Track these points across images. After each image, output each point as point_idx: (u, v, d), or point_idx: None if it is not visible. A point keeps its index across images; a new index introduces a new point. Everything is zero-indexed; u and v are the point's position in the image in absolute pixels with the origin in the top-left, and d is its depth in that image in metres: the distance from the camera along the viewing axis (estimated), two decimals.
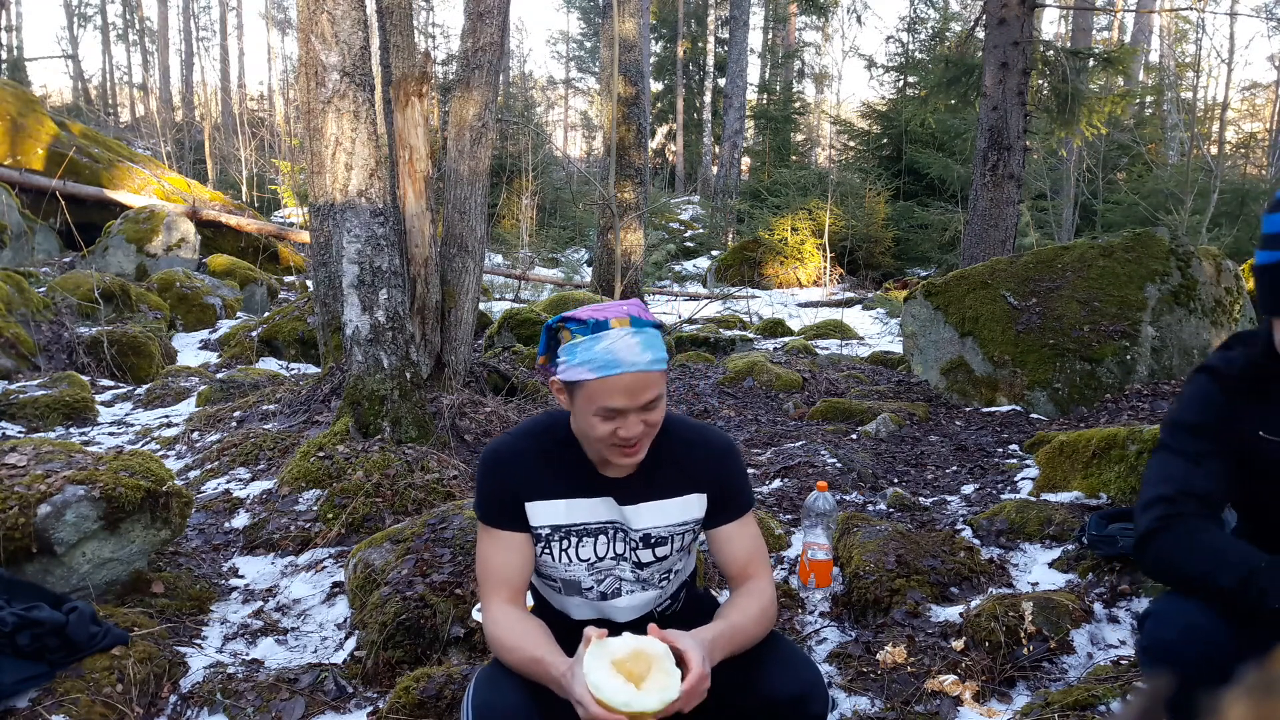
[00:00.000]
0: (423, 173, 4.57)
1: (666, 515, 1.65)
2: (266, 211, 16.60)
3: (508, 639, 1.53)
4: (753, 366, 6.33)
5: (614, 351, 1.47)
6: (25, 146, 10.74)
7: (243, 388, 5.56)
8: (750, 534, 1.69)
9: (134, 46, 32.67)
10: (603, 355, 1.47)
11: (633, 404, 1.48)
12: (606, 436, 1.51)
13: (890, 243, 15.59)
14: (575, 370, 1.50)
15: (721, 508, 1.68)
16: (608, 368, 1.47)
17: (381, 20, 4.99)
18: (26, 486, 2.54)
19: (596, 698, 1.33)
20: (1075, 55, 9.34)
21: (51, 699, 2.10)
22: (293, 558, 3.18)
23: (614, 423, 1.50)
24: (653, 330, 1.53)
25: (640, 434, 1.51)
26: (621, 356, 1.47)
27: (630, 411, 1.49)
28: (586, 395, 1.50)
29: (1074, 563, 2.78)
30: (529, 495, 1.60)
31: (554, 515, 1.61)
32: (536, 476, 1.61)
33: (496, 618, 1.57)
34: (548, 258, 16.19)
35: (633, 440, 1.51)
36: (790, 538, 3.19)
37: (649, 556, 1.65)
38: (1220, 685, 1.40)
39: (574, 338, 1.51)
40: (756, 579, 1.66)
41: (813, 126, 29.48)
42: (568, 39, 38.75)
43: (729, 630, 1.54)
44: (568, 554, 1.63)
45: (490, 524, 1.62)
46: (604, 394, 1.48)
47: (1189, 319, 5.39)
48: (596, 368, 1.47)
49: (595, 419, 1.50)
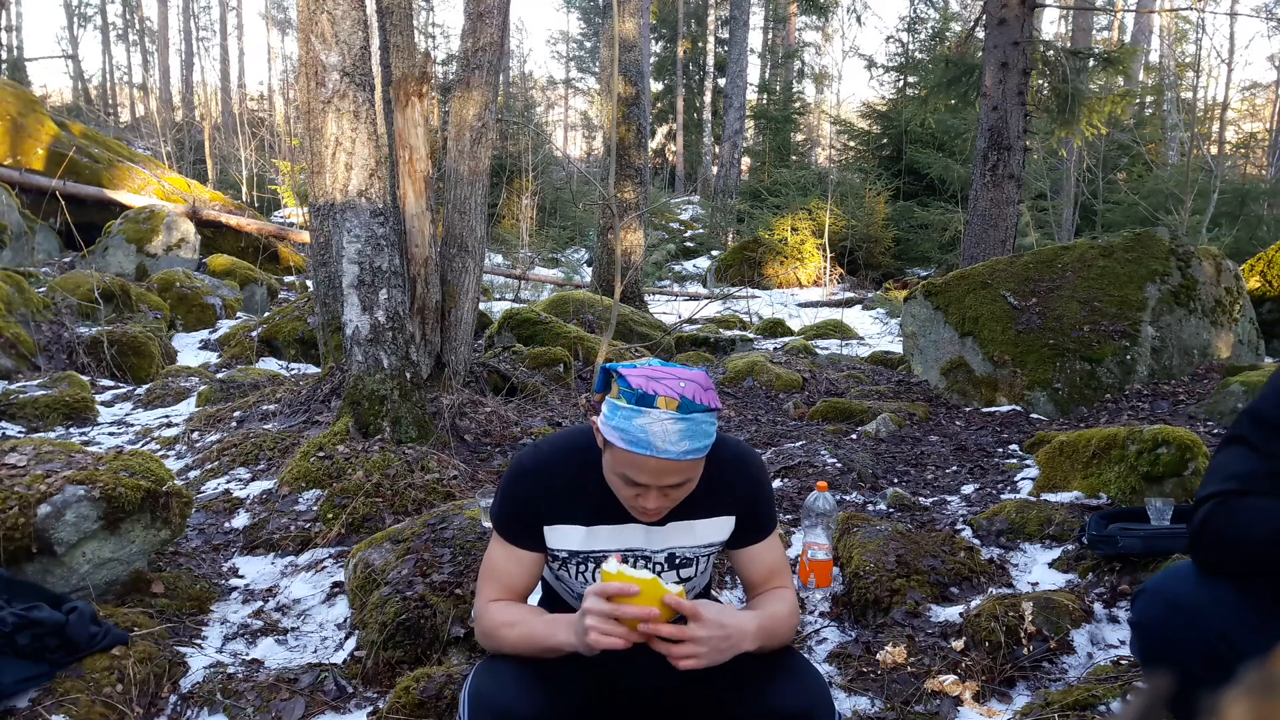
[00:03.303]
0: (423, 173, 4.57)
1: (695, 536, 1.62)
2: (266, 211, 16.60)
3: (506, 616, 1.53)
4: (753, 366, 6.33)
5: (648, 433, 1.42)
6: (25, 146, 10.74)
7: (243, 388, 5.56)
8: (775, 550, 1.68)
9: (134, 46, 32.69)
10: (636, 432, 1.43)
11: (655, 483, 1.46)
12: (628, 498, 1.50)
13: (890, 243, 15.59)
14: (609, 431, 1.47)
15: (749, 530, 1.65)
16: (637, 445, 1.43)
17: (381, 20, 4.99)
18: (26, 486, 2.54)
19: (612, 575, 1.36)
20: (1075, 55, 9.34)
21: (51, 699, 2.10)
22: (293, 558, 3.18)
23: (636, 489, 1.48)
24: (701, 416, 1.45)
25: (659, 507, 1.50)
26: (655, 441, 1.42)
27: (653, 488, 1.47)
28: (614, 456, 1.48)
29: (1074, 563, 2.78)
30: (550, 519, 1.58)
31: (573, 541, 1.59)
32: (561, 499, 1.57)
33: (492, 608, 1.57)
34: (548, 258, 16.19)
35: (650, 511, 1.50)
36: (790, 538, 3.19)
37: (674, 578, 1.63)
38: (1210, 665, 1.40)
39: (620, 398, 1.46)
40: (782, 589, 1.65)
41: (813, 126, 29.49)
42: (568, 39, 38.76)
43: (769, 620, 1.53)
44: (584, 576, 1.61)
45: (507, 539, 1.60)
46: (628, 465, 1.46)
47: (1189, 319, 5.39)
48: (628, 441, 1.43)
49: (618, 480, 1.49)
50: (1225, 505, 1.40)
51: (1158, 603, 1.46)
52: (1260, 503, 1.37)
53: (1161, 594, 1.46)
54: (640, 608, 1.36)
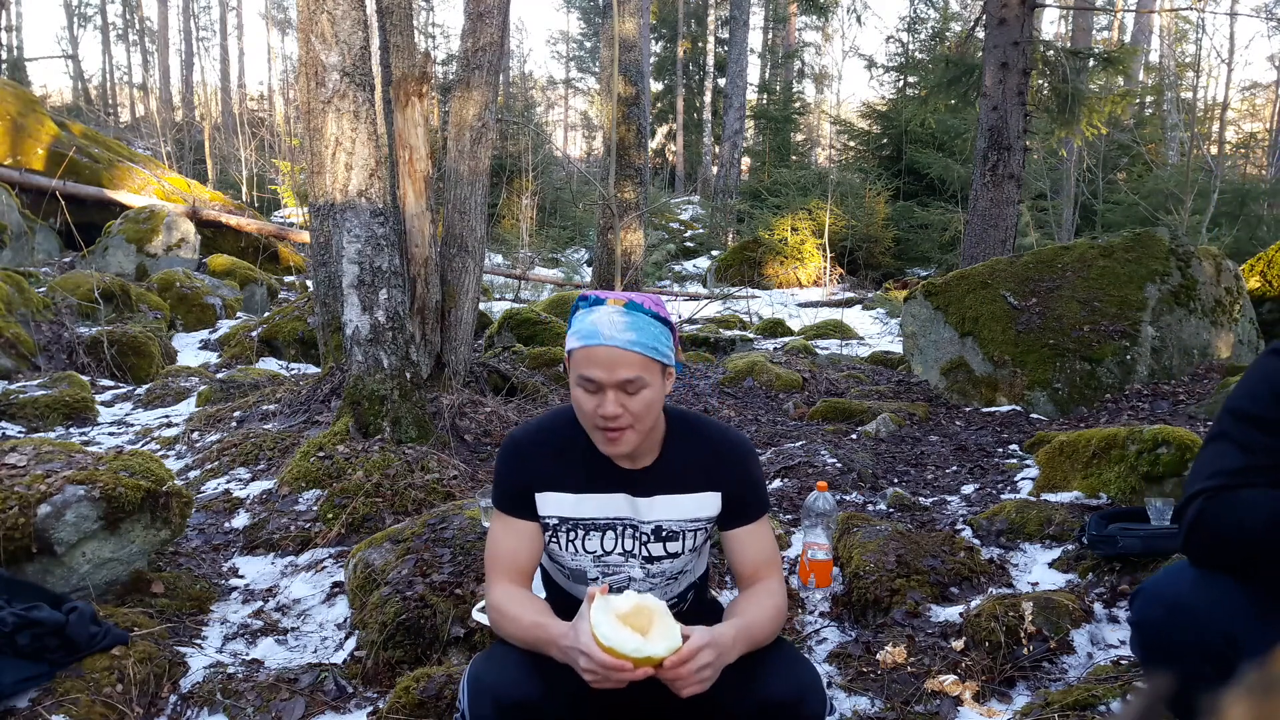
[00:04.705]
0: (423, 173, 4.57)
1: (680, 509, 1.67)
2: (266, 211, 16.60)
3: (510, 608, 1.58)
4: (753, 366, 6.33)
5: (596, 324, 1.54)
6: (25, 146, 10.74)
7: (243, 388, 5.56)
8: (765, 538, 1.71)
9: (134, 46, 32.69)
10: (588, 326, 1.55)
11: (608, 378, 1.52)
12: (590, 414, 1.56)
13: (890, 243, 15.59)
14: (569, 339, 1.59)
15: (737, 511, 1.69)
16: (588, 338, 1.54)
17: (381, 20, 4.99)
18: (26, 486, 2.54)
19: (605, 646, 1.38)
20: (1075, 55, 9.34)
21: (51, 699, 2.10)
22: (293, 558, 3.18)
23: (595, 399, 1.54)
24: (647, 317, 1.57)
25: (618, 416, 1.53)
26: (602, 330, 1.53)
27: (608, 388, 1.53)
28: (573, 365, 1.57)
29: (1074, 563, 2.78)
30: (540, 486, 1.65)
31: (561, 507, 1.66)
32: (550, 467, 1.65)
33: (500, 594, 1.62)
34: (548, 258, 16.19)
35: (612, 420, 1.53)
36: (790, 538, 3.19)
37: (660, 550, 1.68)
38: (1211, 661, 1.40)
39: (576, 313, 1.61)
40: (769, 580, 1.67)
41: (813, 126, 29.49)
42: (568, 39, 38.75)
43: (745, 626, 1.55)
44: (574, 545, 1.67)
45: (504, 510, 1.67)
46: (584, 363, 1.54)
47: (1189, 319, 5.39)
48: (581, 337, 1.55)
49: (580, 392, 1.56)
50: (1217, 500, 1.41)
51: (1157, 602, 1.46)
52: (1254, 494, 1.39)
53: (1160, 594, 1.47)
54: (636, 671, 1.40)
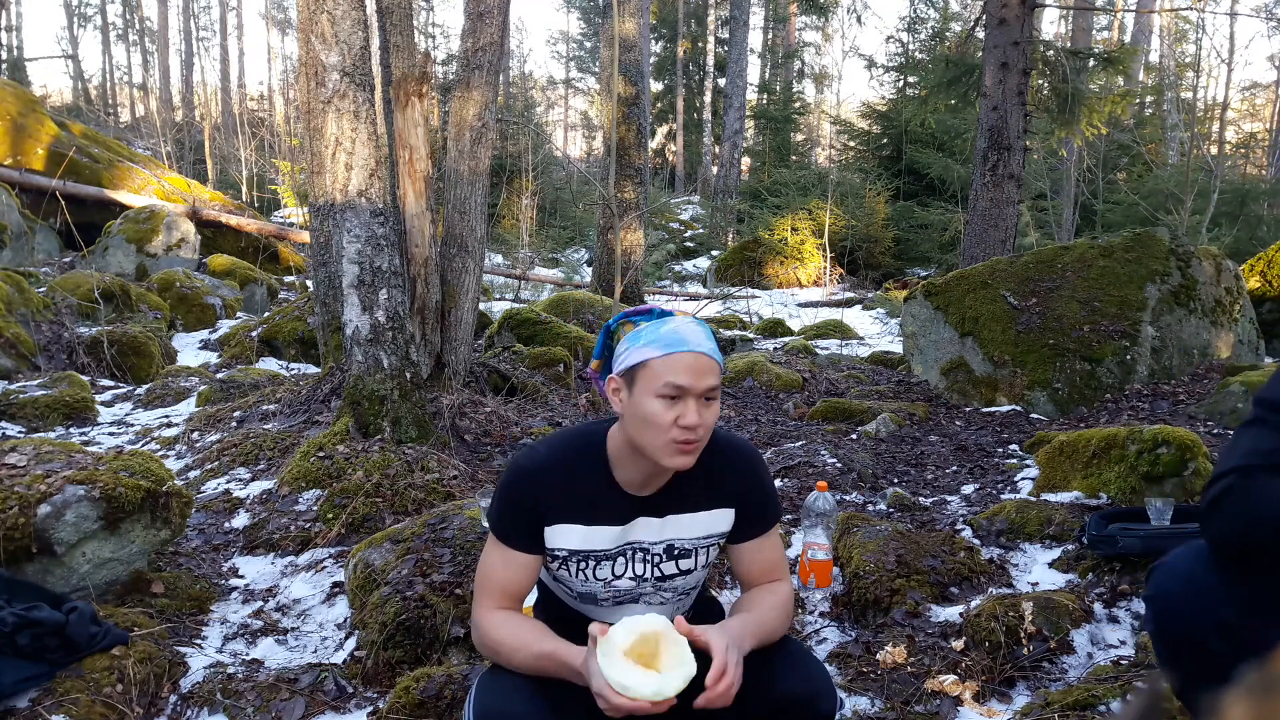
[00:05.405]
0: (423, 173, 4.57)
1: (694, 528, 1.63)
2: (266, 211, 16.59)
3: (511, 640, 1.52)
4: (753, 366, 6.33)
5: (680, 332, 1.51)
6: (25, 146, 10.74)
7: (243, 388, 5.56)
8: (775, 548, 1.68)
9: (134, 46, 32.69)
10: (670, 334, 1.50)
11: (696, 385, 1.47)
12: (667, 426, 1.47)
13: (890, 243, 15.59)
14: (640, 351, 1.51)
15: (750, 523, 1.65)
16: (675, 345, 1.49)
17: (381, 20, 4.99)
18: (26, 486, 2.54)
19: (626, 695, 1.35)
20: (1075, 55, 9.34)
21: (51, 699, 2.10)
22: (293, 558, 3.18)
23: (676, 409, 1.47)
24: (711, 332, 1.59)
25: (700, 425, 1.48)
26: (687, 336, 1.50)
27: (692, 395, 1.47)
28: (650, 376, 1.49)
29: (1074, 563, 2.78)
30: (550, 519, 1.57)
31: (571, 540, 1.58)
32: (560, 498, 1.56)
33: (495, 621, 1.55)
34: (548, 258, 16.19)
35: (694, 429, 1.48)
36: (790, 538, 3.19)
37: (673, 569, 1.63)
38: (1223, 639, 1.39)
39: (638, 325, 1.55)
40: (778, 581, 1.66)
41: (813, 126, 29.49)
42: (568, 39, 38.75)
43: (756, 622, 1.53)
44: (584, 573, 1.61)
45: (505, 542, 1.58)
46: (669, 370, 1.48)
47: (1189, 319, 5.39)
48: (663, 345, 1.49)
49: (658, 404, 1.48)
50: (1249, 477, 1.38)
51: (1173, 577, 1.46)
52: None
53: (1177, 569, 1.46)
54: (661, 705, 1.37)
